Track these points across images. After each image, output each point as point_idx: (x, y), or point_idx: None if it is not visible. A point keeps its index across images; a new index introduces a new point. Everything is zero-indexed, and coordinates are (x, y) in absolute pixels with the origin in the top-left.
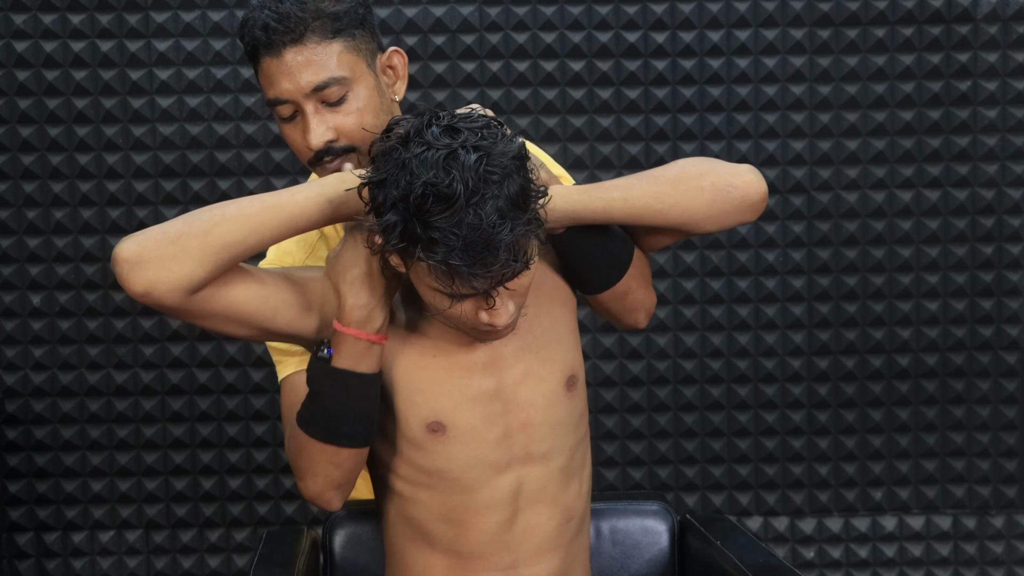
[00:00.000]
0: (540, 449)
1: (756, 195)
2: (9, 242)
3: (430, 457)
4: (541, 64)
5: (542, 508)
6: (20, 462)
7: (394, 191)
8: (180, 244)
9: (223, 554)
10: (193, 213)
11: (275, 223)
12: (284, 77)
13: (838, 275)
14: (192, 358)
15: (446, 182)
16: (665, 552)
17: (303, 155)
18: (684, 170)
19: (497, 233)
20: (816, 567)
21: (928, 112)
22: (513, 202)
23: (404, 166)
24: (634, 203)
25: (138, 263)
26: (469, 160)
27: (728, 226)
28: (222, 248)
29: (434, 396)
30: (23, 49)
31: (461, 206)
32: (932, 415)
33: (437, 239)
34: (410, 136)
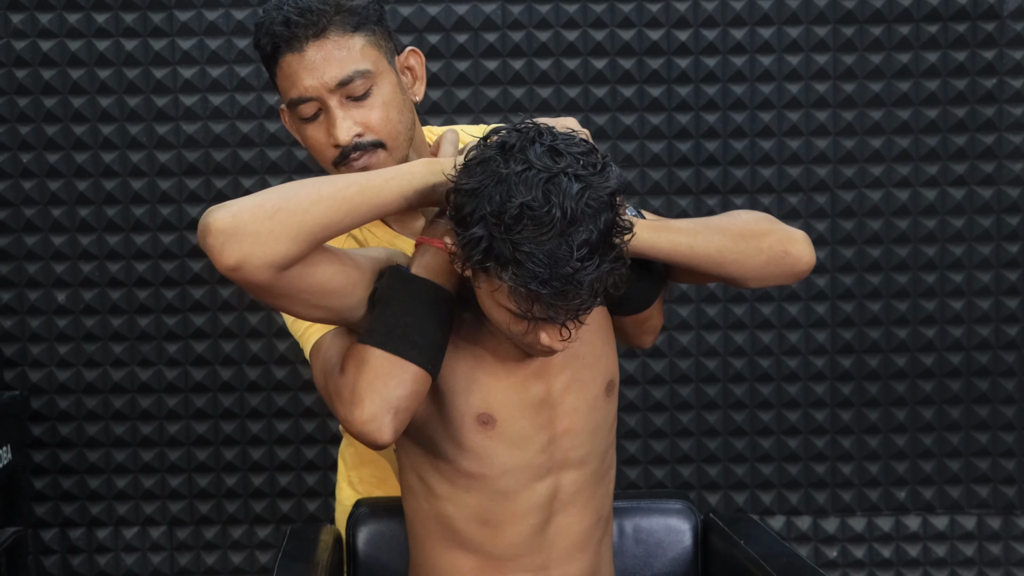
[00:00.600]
0: (578, 455)
1: (804, 266)
2: (35, 239)
3: (476, 456)
4: (563, 62)
5: (575, 511)
6: (45, 458)
7: (486, 205)
8: (277, 219)
9: (246, 551)
10: (286, 188)
11: (368, 207)
12: (307, 73)
13: (862, 273)
14: (215, 355)
15: (545, 207)
16: (688, 551)
17: (327, 155)
18: (748, 227)
19: (584, 268)
20: (839, 567)
21: (953, 110)
22: (603, 238)
23: (501, 180)
24: (698, 251)
25: (233, 235)
26: (571, 189)
27: (767, 285)
28: (317, 227)
29: (487, 389)
30: (48, 48)
31: (555, 235)
32: (956, 414)
33: (524, 263)
34: (511, 150)
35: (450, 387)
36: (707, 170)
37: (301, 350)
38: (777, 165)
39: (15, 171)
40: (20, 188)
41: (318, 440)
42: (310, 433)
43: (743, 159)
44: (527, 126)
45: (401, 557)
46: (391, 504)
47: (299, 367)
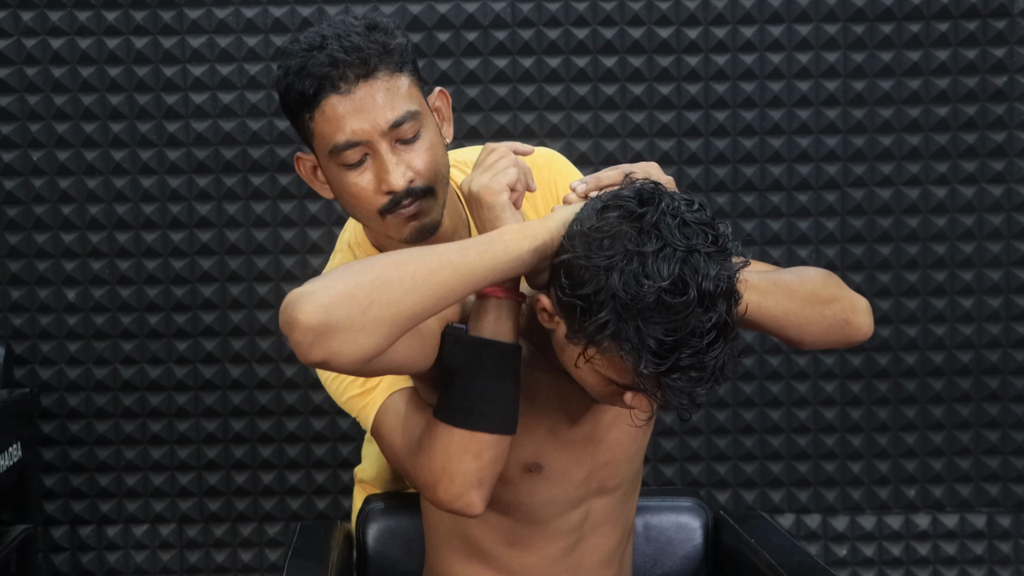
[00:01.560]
0: (614, 482)
1: (861, 337)
2: (45, 237)
3: (516, 492)
4: (573, 60)
5: (605, 530)
6: (55, 456)
7: (619, 285)
8: (370, 314)
9: (256, 548)
10: (377, 271)
11: (463, 288)
12: (357, 115)
13: (872, 272)
14: (225, 353)
15: (685, 294)
16: (699, 549)
17: (372, 204)
18: (816, 292)
19: (712, 354)
20: (849, 565)
21: (963, 108)
22: (729, 321)
23: (636, 258)
24: (764, 312)
25: (325, 333)
26: (709, 271)
27: (823, 348)
28: (410, 318)
29: (538, 441)
30: (59, 46)
31: (691, 321)
32: (967, 413)
33: (653, 349)
34: (641, 220)
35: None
36: (717, 168)
37: None
38: (787, 163)
39: (25, 169)
40: (30, 186)
41: (327, 438)
42: (319, 431)
43: (753, 157)
44: (649, 189)
45: (411, 554)
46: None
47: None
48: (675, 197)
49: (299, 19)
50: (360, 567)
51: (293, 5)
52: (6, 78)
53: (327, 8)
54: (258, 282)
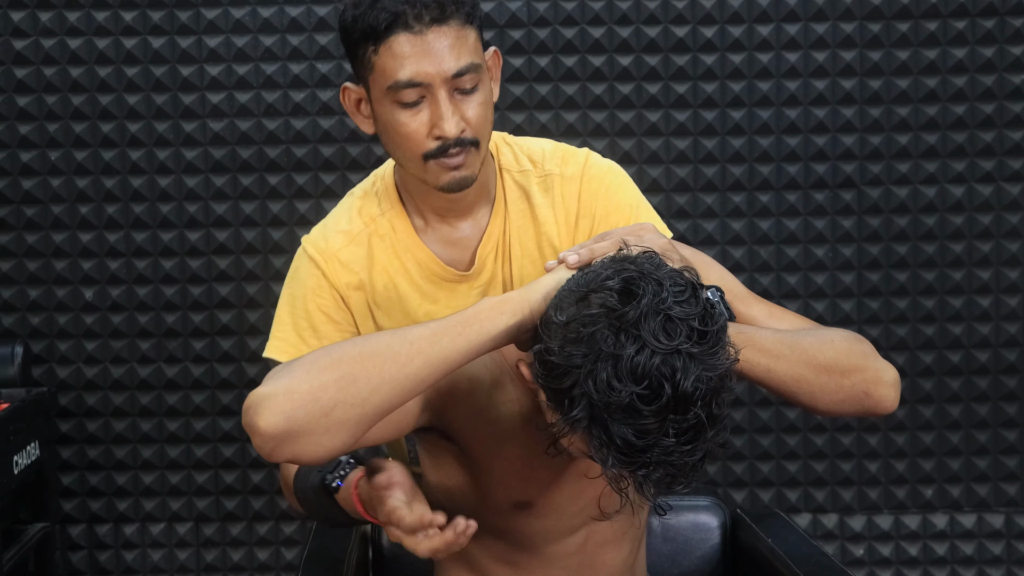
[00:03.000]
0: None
1: (883, 411)
2: (62, 237)
3: (506, 522)
4: (589, 59)
5: (611, 548)
6: (73, 455)
7: (592, 386)
8: (334, 417)
9: (272, 547)
10: (345, 367)
11: (437, 376)
12: (424, 58)
13: (888, 271)
14: (242, 352)
15: (659, 400)
16: (716, 548)
17: (420, 146)
18: (837, 360)
19: (688, 453)
20: (866, 565)
21: (980, 106)
22: (713, 420)
23: (611, 360)
24: (773, 377)
25: (287, 438)
26: (688, 374)
27: (837, 416)
28: (377, 416)
29: (527, 480)
30: (76, 47)
31: (663, 424)
32: (984, 412)
33: (620, 448)
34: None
35: (492, 480)
36: (733, 167)
37: None
38: (803, 162)
39: (43, 168)
40: (48, 185)
41: None
42: None
43: (769, 156)
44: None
45: None
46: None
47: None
48: (663, 284)
49: (315, 18)
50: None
51: (309, 5)
52: (24, 78)
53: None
54: (274, 281)
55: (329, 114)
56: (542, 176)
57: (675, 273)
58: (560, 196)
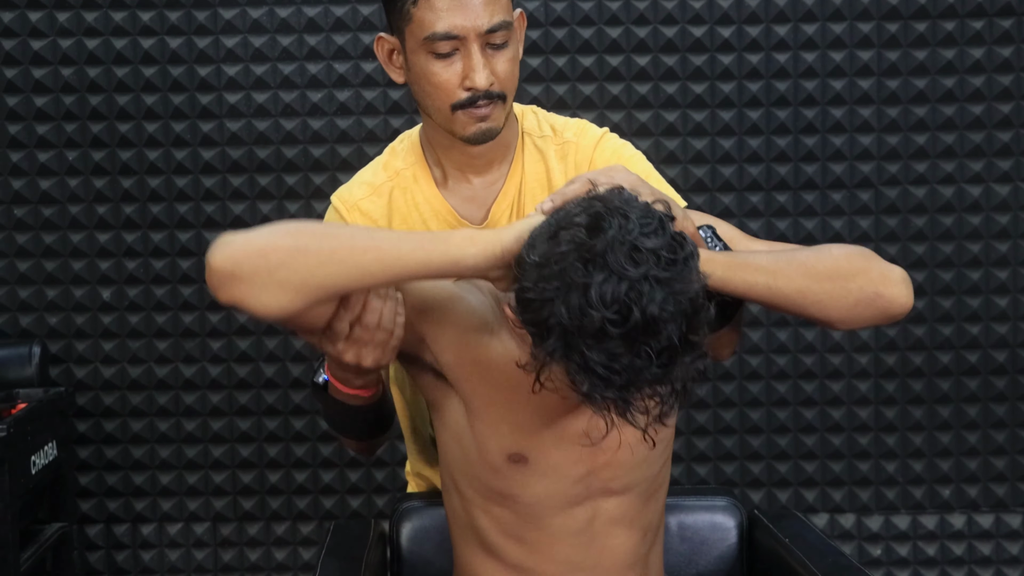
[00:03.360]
0: (621, 484)
1: (899, 309)
2: (79, 237)
3: (507, 482)
4: (607, 59)
5: (620, 531)
6: (90, 455)
7: (564, 315)
8: (276, 276)
9: (289, 547)
10: (302, 238)
11: (384, 277)
12: (460, 12)
13: (906, 270)
14: (259, 352)
15: (626, 323)
16: (734, 548)
17: (451, 96)
18: (837, 266)
19: (661, 376)
20: (883, 565)
21: (998, 106)
22: (685, 344)
23: (579, 289)
24: (776, 293)
25: (229, 279)
26: (654, 297)
27: (858, 328)
28: (320, 289)
29: (519, 429)
30: (94, 47)
31: (635, 346)
32: (1002, 412)
33: (599, 373)
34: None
35: (484, 427)
36: (750, 167)
37: None
38: (821, 162)
39: (61, 168)
40: (66, 185)
41: None
42: None
43: (787, 155)
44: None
45: (445, 554)
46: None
47: None
48: (630, 217)
49: (333, 18)
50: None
51: (327, 5)
52: (42, 78)
53: (360, 8)
54: None
55: (347, 114)
56: (560, 144)
57: (643, 206)
58: (574, 164)
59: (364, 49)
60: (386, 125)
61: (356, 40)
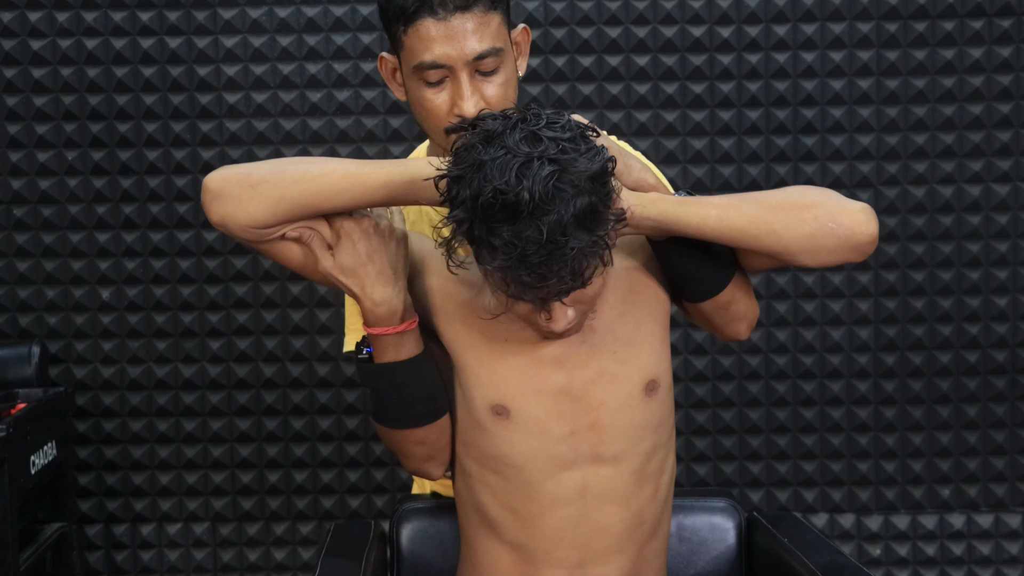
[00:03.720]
0: (610, 451)
1: (863, 237)
2: (79, 237)
3: (493, 441)
4: (606, 59)
5: (611, 509)
6: (90, 454)
7: (466, 190)
8: (257, 190)
9: (289, 547)
10: (282, 161)
11: (350, 195)
12: (447, 41)
13: (905, 271)
14: (258, 352)
15: (514, 191)
16: (732, 549)
17: (442, 120)
18: (790, 198)
19: (557, 249)
20: (883, 564)
21: (997, 106)
22: (579, 221)
23: (480, 167)
24: (729, 224)
25: (218, 196)
26: (542, 173)
27: (829, 264)
28: (295, 205)
29: (500, 380)
30: (93, 47)
31: (525, 218)
32: (1001, 412)
33: (497, 247)
34: (493, 136)
35: (467, 377)
36: (750, 167)
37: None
38: (820, 161)
39: (60, 169)
40: (65, 185)
41: (360, 437)
42: (352, 430)
43: (786, 155)
44: (515, 111)
45: (445, 555)
46: (434, 501)
47: (341, 364)
48: (541, 115)
49: (332, 19)
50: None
51: (326, 5)
52: (41, 78)
53: (360, 8)
54: (291, 281)
55: (346, 114)
56: None
57: (561, 112)
58: None
59: (363, 49)
60: (385, 125)
61: (355, 40)
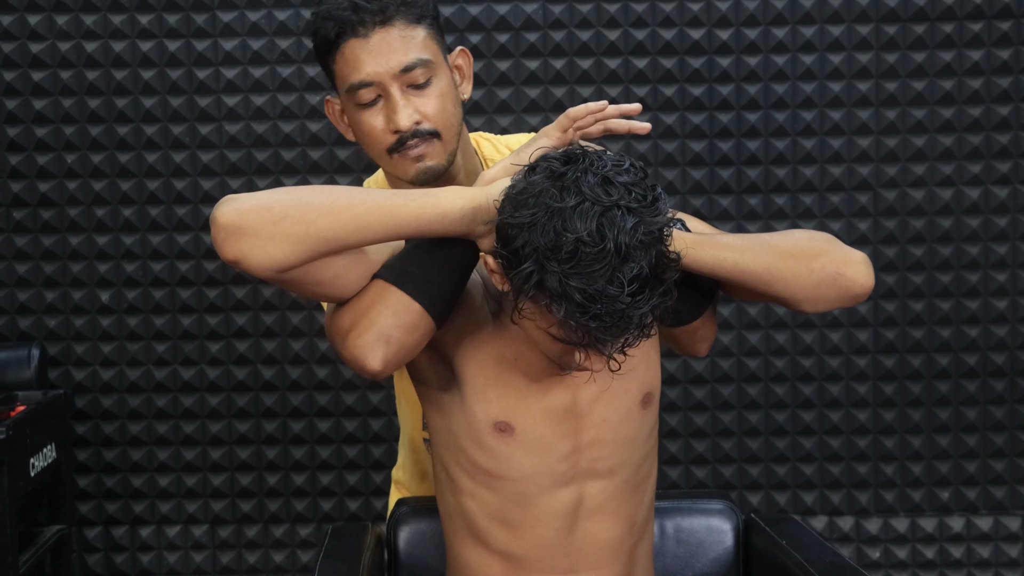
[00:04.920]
0: (606, 465)
1: (861, 289)
2: (78, 239)
3: (493, 458)
4: (605, 62)
5: (604, 518)
6: (89, 457)
7: (540, 239)
8: (280, 227)
9: (287, 550)
10: (302, 193)
11: (381, 227)
12: (372, 58)
13: (904, 273)
14: (257, 355)
15: (599, 244)
16: (730, 551)
17: (382, 142)
18: (800, 246)
19: (635, 303)
20: (882, 567)
21: (997, 108)
22: (654, 273)
23: (555, 214)
24: (743, 269)
25: (234, 233)
26: (625, 224)
27: (823, 310)
28: (321, 241)
29: (507, 397)
30: (92, 49)
31: (608, 270)
32: (1001, 415)
33: (574, 299)
34: (563, 180)
35: (471, 392)
36: (748, 169)
37: None
38: (819, 164)
39: (59, 171)
40: (64, 188)
41: (359, 439)
42: (351, 432)
43: (785, 158)
44: (576, 152)
45: (442, 557)
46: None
47: (340, 367)
48: (603, 157)
49: None
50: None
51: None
52: (41, 81)
53: None
54: None
55: None
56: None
57: (626, 161)
58: None
59: None
60: None
61: None
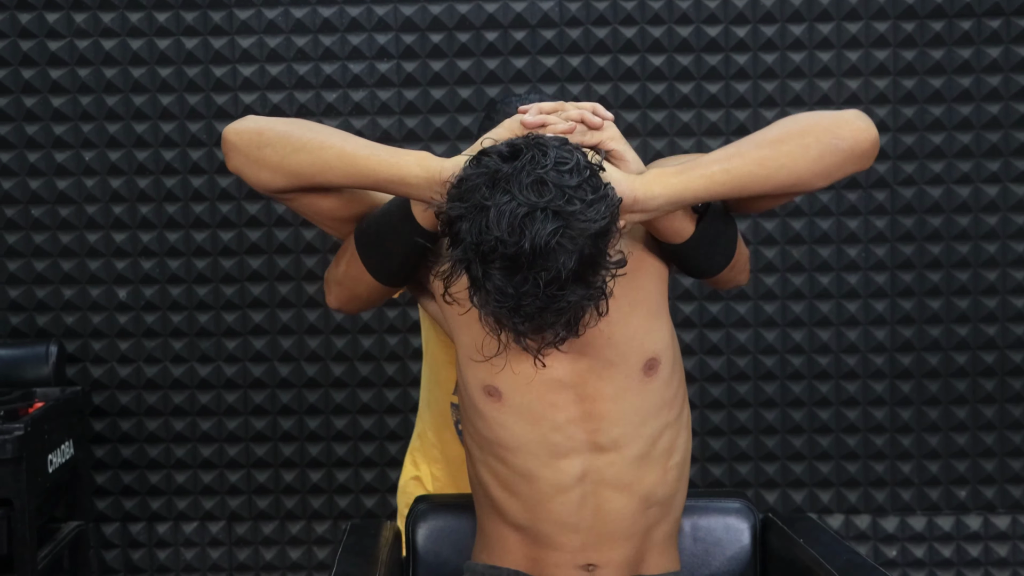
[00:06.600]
0: (608, 437)
1: (865, 143)
2: (96, 236)
3: (487, 423)
4: (621, 59)
5: (614, 494)
6: (106, 454)
7: (467, 232)
8: (262, 153)
9: (304, 546)
10: (294, 126)
11: (343, 171)
12: None
13: (921, 271)
14: (274, 352)
15: (515, 245)
16: (747, 550)
17: None
18: (786, 129)
19: (553, 303)
20: (899, 566)
21: (1015, 105)
22: (578, 276)
23: (483, 210)
24: (737, 173)
25: (231, 150)
26: (545, 228)
27: (839, 179)
28: (292, 175)
29: (495, 365)
30: (110, 47)
31: (523, 271)
32: (1018, 413)
33: (492, 293)
34: (497, 175)
35: (463, 358)
36: None
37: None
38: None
39: (78, 169)
40: (83, 185)
41: (375, 436)
42: (368, 429)
43: None
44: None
45: (460, 553)
46: (451, 500)
47: (356, 363)
48: (548, 154)
49: (348, 19)
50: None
51: (342, 5)
52: (59, 79)
53: (375, 8)
54: (307, 281)
55: (361, 114)
56: None
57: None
58: None
59: (378, 49)
60: (400, 125)
61: (371, 40)
